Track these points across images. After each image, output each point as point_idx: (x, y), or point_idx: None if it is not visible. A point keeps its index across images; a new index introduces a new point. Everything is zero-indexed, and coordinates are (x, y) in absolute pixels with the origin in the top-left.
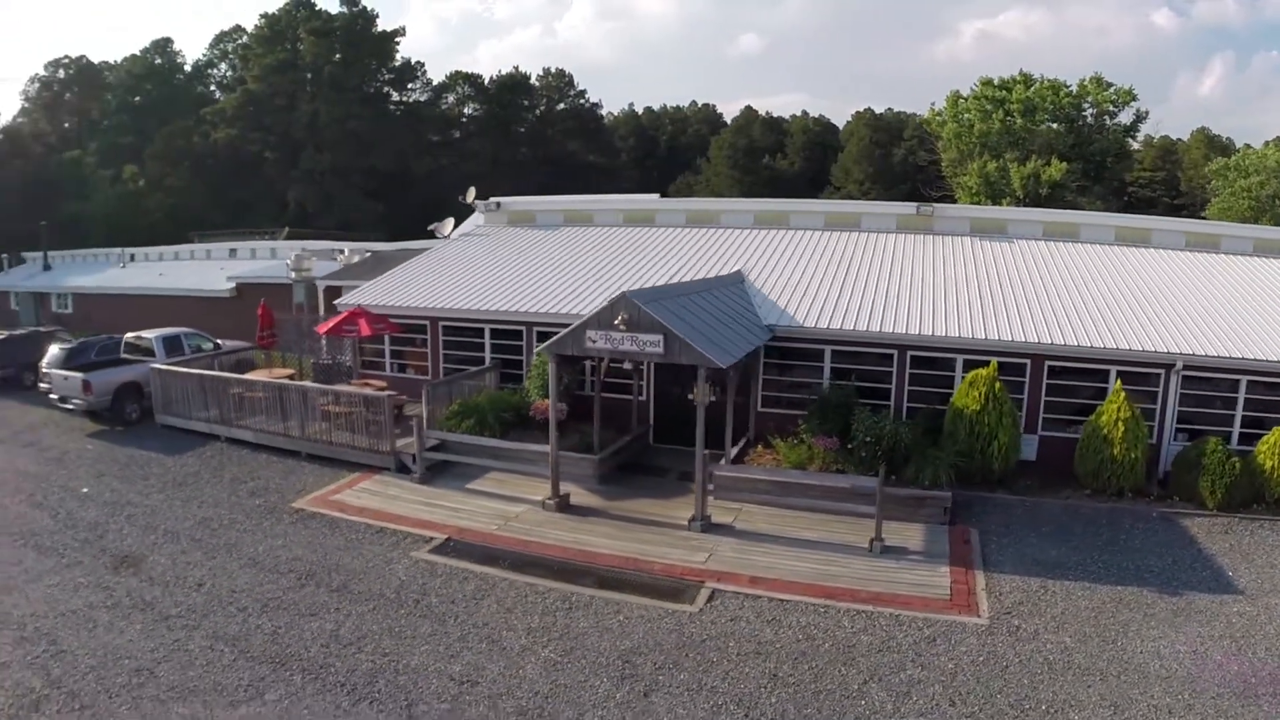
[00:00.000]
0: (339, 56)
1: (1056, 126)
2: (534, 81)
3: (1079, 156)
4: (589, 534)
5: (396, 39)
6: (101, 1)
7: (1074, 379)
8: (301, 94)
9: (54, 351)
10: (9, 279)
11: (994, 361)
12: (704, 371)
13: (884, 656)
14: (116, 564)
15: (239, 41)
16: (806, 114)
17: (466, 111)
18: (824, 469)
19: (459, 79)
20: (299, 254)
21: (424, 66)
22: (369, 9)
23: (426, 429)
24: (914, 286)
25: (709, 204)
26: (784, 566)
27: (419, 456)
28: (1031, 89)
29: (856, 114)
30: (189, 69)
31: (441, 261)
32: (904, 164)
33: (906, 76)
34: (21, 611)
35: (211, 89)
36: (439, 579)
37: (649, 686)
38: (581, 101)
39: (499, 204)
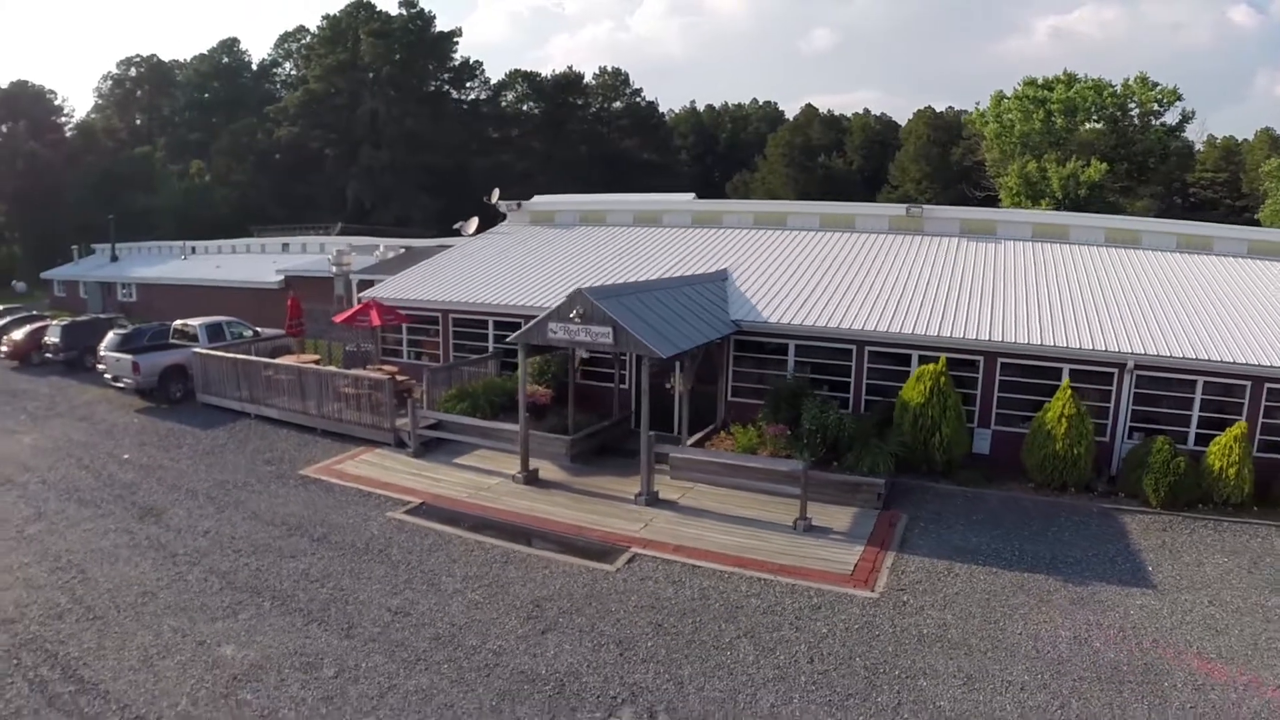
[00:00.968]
0: (398, 57)
1: (1100, 126)
2: (590, 80)
3: (1122, 157)
4: (546, 504)
5: (455, 40)
6: (172, 2)
7: (1028, 376)
8: (361, 93)
9: (110, 336)
10: (79, 269)
11: (943, 357)
12: (646, 361)
13: (765, 618)
14: (142, 514)
15: (302, 42)
16: (868, 112)
17: (524, 109)
18: (774, 454)
19: (517, 77)
20: (340, 249)
21: (482, 66)
22: (426, 10)
23: (426, 410)
24: (887, 285)
25: (713, 205)
26: (710, 539)
27: (413, 434)
28: (1074, 89)
29: (917, 112)
30: (254, 68)
31: (458, 258)
32: (961, 163)
33: (980, 73)
34: (59, 548)
35: (276, 87)
36: (405, 534)
37: (548, 626)
38: (638, 100)
39: (520, 204)
